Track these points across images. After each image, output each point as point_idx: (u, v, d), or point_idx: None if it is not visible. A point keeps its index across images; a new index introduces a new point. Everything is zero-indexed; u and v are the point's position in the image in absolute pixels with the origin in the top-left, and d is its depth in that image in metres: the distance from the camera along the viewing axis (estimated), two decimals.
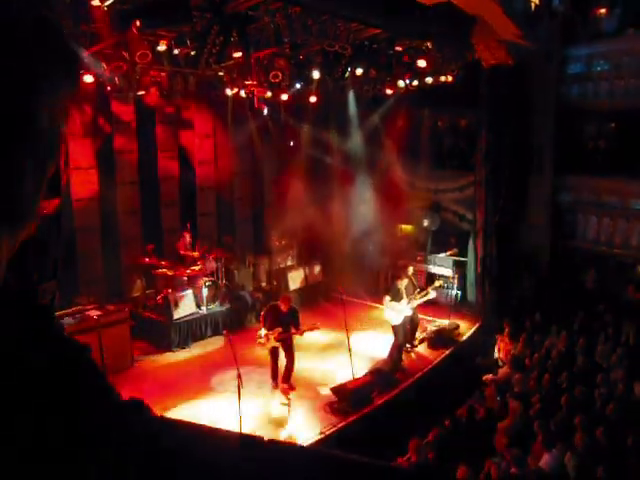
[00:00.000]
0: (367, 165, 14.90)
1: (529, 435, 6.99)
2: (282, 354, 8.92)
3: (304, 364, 9.89)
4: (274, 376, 8.98)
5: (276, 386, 8.94)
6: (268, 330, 8.57)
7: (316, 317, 10.97)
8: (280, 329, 8.50)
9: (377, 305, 12.54)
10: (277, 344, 8.64)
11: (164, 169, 13.26)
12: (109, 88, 10.56)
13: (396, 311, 10.09)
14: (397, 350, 10.27)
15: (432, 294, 10.66)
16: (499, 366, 10.36)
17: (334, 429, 8.18)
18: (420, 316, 11.30)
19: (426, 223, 14.54)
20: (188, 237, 12.16)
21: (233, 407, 7.37)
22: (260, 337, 8.62)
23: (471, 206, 13.50)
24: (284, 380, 8.93)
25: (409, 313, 10.29)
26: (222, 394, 8.92)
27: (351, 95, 14.37)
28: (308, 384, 9.52)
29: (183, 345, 11.15)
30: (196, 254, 12.05)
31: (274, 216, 14.39)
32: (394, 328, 10.19)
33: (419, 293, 10.49)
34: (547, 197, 13.15)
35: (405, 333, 10.44)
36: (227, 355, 8.08)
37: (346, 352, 9.41)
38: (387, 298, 10.12)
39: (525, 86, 12.63)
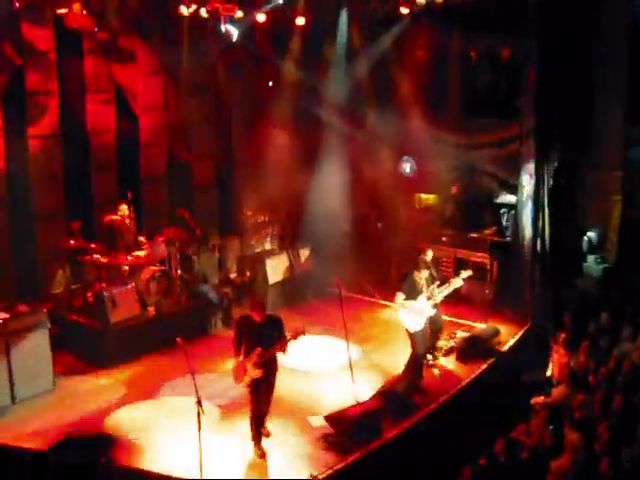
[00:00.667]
0: (374, 113, 14.83)
1: (594, 478, 7.01)
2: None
3: (287, 384, 9.77)
4: (257, 423, 8.76)
5: (263, 435, 8.76)
6: (246, 356, 8.34)
7: (304, 320, 10.97)
8: (259, 350, 8.25)
9: (387, 303, 12.54)
10: (258, 373, 8.35)
11: (95, 118, 13.16)
12: (17, 4, 10.40)
13: (413, 312, 10.07)
14: (415, 364, 10.27)
15: (457, 283, 10.65)
16: (553, 385, 10.39)
17: (329, 472, 8.11)
18: (445, 318, 11.30)
19: (454, 191, 14.50)
20: (129, 211, 12.06)
21: (192, 445, 7.35)
22: (239, 374, 8.38)
23: (515, 167, 13.45)
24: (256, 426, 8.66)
25: (431, 313, 10.29)
26: (176, 427, 8.90)
27: (351, 16, 14.24)
28: (293, 412, 9.46)
29: (124, 359, 11.10)
30: (141, 236, 12.02)
31: (247, 182, 14.32)
32: (411, 334, 10.18)
33: (440, 285, 10.47)
34: (618, 153, 13.13)
35: (425, 341, 10.44)
36: (184, 372, 7.99)
37: (345, 367, 9.31)
38: (400, 295, 10.09)
39: (588, 6, 12.54)
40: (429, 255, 10.63)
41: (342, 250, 13.78)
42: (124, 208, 11.95)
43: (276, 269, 13.69)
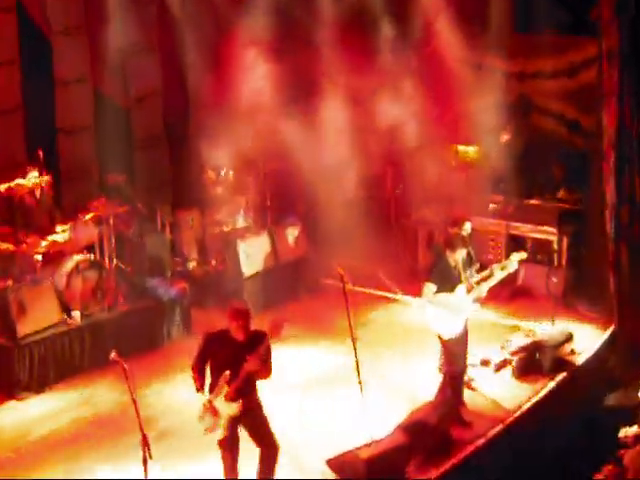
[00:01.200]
0: (390, 30, 14.76)
1: None
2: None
3: (276, 414, 9.73)
4: None
5: None
6: (213, 391, 8.12)
7: (296, 323, 10.92)
8: (228, 373, 8.01)
9: (410, 299, 12.47)
10: (234, 410, 8.15)
11: None
12: None
13: (448, 310, 10.02)
14: (453, 385, 10.26)
15: (509, 268, 10.57)
16: None
17: None
18: (493, 316, 11.33)
19: (505, 139, 14.49)
20: (40, 179, 11.98)
21: None
22: (206, 417, 8.22)
23: (592, 103, 13.40)
24: None
25: (472, 310, 10.23)
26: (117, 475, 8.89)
27: None
28: (283, 453, 9.13)
29: (38, 387, 11.12)
30: (58, 214, 12.02)
31: (209, 131, 14.31)
32: (445, 343, 10.13)
33: (481, 271, 10.44)
34: None
35: (466, 351, 10.40)
36: (122, 401, 7.90)
37: (353, 390, 9.27)
38: (430, 287, 10.02)
39: None
40: (467, 228, 10.56)
41: (347, 227, 13.75)
42: (33, 174, 11.88)
43: (253, 256, 13.72)
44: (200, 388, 7.97)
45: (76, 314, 11.66)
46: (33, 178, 11.80)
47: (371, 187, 15.02)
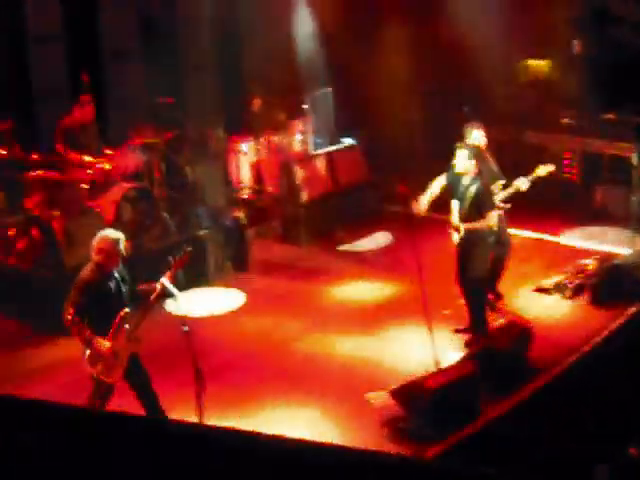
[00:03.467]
0: None
1: None
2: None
3: (335, 352, 10.03)
4: None
5: None
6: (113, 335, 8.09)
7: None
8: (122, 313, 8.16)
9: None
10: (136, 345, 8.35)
11: None
12: None
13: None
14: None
15: (523, 183, 10.75)
16: None
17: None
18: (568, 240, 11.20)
19: (578, 50, 14.23)
20: (86, 103, 11.92)
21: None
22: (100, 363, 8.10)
23: None
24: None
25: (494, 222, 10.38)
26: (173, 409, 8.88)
27: None
28: (346, 389, 9.53)
29: None
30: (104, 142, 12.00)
31: (260, 55, 14.27)
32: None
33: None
34: None
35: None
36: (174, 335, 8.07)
37: (419, 321, 9.30)
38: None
39: None
40: (475, 137, 10.80)
41: (410, 148, 13.65)
42: (82, 100, 11.79)
43: (311, 180, 13.75)
44: (91, 335, 8.00)
45: (125, 245, 11.67)
46: (84, 104, 11.76)
47: (435, 106, 14.82)
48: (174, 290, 8.06)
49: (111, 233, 8.39)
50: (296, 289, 12.12)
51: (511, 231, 11.79)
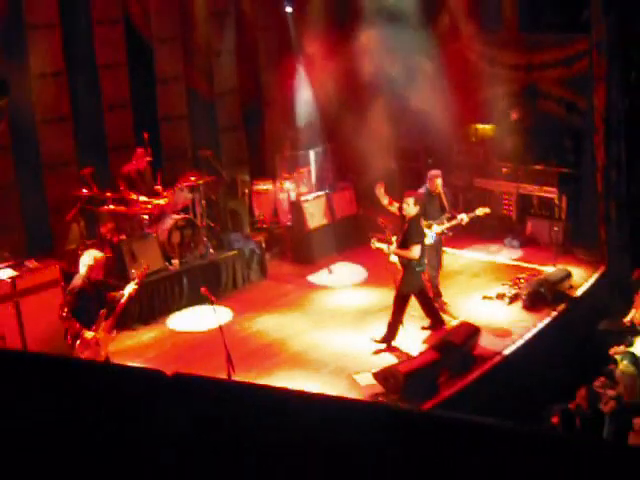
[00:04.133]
0: (411, 33, 14.40)
1: None
2: None
3: (329, 340, 10.01)
4: None
5: None
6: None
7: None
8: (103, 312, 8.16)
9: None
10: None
11: (104, 50, 12.90)
12: None
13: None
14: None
15: (463, 218, 10.85)
16: (635, 333, 10.16)
17: None
18: (508, 262, 11.29)
19: (514, 117, 14.16)
20: (145, 155, 11.92)
21: None
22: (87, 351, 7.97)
23: (585, 88, 13.05)
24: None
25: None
26: None
27: None
28: (337, 370, 9.53)
29: (147, 320, 11.18)
30: (158, 186, 11.95)
31: (276, 120, 14.19)
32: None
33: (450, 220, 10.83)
34: None
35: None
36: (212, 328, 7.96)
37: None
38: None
39: None
40: (438, 183, 10.91)
41: (388, 188, 13.64)
42: (141, 152, 11.85)
43: (315, 213, 13.69)
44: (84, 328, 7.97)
45: (175, 262, 11.68)
46: (143, 155, 11.80)
47: (409, 159, 14.82)
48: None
49: (96, 253, 8.31)
50: (301, 295, 12.12)
51: (465, 253, 11.82)
